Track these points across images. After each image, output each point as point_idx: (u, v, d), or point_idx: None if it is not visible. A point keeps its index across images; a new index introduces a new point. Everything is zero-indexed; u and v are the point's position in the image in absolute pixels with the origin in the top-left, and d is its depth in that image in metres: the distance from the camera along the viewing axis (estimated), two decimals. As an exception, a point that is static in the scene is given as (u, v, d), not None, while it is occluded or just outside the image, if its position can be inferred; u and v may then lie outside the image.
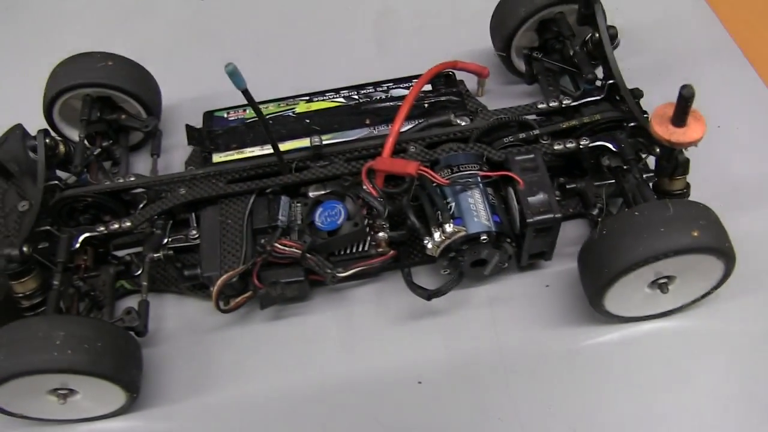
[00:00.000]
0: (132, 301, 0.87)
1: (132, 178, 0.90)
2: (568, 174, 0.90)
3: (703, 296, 0.83)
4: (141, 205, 0.91)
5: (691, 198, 0.85)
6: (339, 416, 0.82)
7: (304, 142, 0.88)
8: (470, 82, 1.00)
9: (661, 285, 0.79)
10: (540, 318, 0.86)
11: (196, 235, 0.87)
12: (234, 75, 0.72)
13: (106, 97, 0.98)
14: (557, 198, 0.90)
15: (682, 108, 0.73)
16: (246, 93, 0.75)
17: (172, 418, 0.84)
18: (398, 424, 0.81)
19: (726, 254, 0.75)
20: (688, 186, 0.83)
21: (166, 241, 0.87)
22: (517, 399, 0.81)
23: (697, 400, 0.80)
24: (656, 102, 0.79)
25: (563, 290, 0.88)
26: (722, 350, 0.83)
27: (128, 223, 0.86)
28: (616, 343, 0.84)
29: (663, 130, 0.75)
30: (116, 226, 0.86)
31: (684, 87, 0.72)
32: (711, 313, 0.85)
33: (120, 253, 0.93)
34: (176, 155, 1.05)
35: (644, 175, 0.84)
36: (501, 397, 0.81)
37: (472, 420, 0.80)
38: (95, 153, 0.95)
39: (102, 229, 0.87)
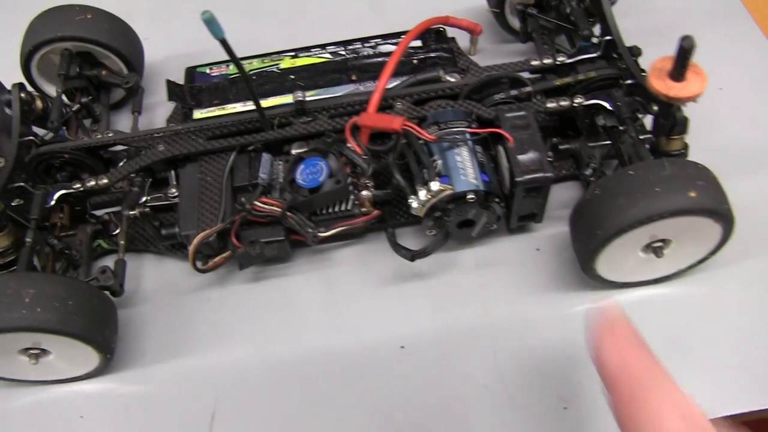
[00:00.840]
0: (111, 261, 0.84)
1: (110, 134, 0.87)
2: (562, 134, 0.87)
3: (700, 262, 0.79)
4: (121, 164, 0.88)
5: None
6: (319, 380, 0.79)
7: (288, 99, 0.85)
8: (463, 40, 0.97)
9: (655, 249, 0.75)
10: (530, 283, 0.83)
11: (176, 193, 0.84)
12: (211, 23, 0.69)
13: (86, 53, 0.95)
14: (549, 158, 0.87)
15: (682, 61, 0.69)
16: (224, 43, 0.71)
17: (148, 381, 0.81)
18: (380, 389, 0.78)
19: (724, 217, 0.71)
20: (686, 146, 0.80)
21: (144, 199, 0.84)
22: (504, 367, 0.78)
23: (692, 370, 0.76)
24: (657, 62, 0.75)
25: (555, 254, 0.85)
26: (719, 318, 0.79)
27: (105, 180, 0.83)
28: (608, 310, 0.81)
29: (661, 85, 0.71)
30: (92, 183, 0.83)
31: (684, 38, 0.68)
32: (708, 279, 0.81)
33: (99, 213, 0.90)
34: (159, 113, 1.02)
35: (641, 136, 0.81)
36: (487, 364, 0.78)
37: (457, 388, 0.77)
38: (74, 109, 0.92)
39: (78, 186, 0.84)
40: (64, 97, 0.92)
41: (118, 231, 0.87)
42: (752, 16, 1.03)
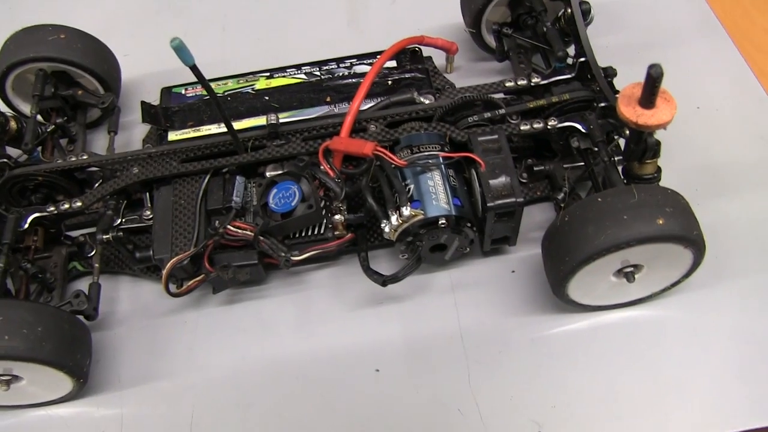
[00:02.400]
0: (86, 282, 0.84)
1: (84, 156, 0.87)
2: (537, 155, 0.87)
3: (673, 285, 0.79)
4: (97, 185, 0.88)
5: (667, 183, 0.81)
6: (294, 402, 0.79)
7: (262, 120, 0.85)
8: (440, 58, 0.97)
9: (627, 274, 0.75)
10: (504, 305, 0.83)
11: (150, 216, 0.84)
12: (180, 50, 0.69)
13: (62, 72, 0.95)
14: (524, 180, 0.87)
15: (650, 89, 0.69)
16: (194, 69, 0.71)
17: (124, 403, 0.81)
18: (355, 412, 0.78)
19: (694, 243, 0.71)
20: (659, 170, 0.79)
21: (119, 221, 0.84)
22: (479, 390, 0.78)
23: (666, 392, 0.77)
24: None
25: (530, 276, 0.85)
26: (692, 341, 0.80)
27: (79, 203, 0.83)
28: (583, 333, 0.81)
29: (630, 112, 0.71)
30: (66, 206, 0.84)
31: (652, 66, 0.67)
32: (682, 302, 0.82)
33: (75, 233, 0.90)
34: (136, 132, 1.02)
35: (616, 158, 0.81)
36: (462, 387, 0.78)
37: (431, 411, 0.77)
38: (49, 130, 0.92)
39: (52, 209, 0.84)
40: (39, 117, 0.92)
41: (93, 253, 0.87)
42: (729, 34, 1.03)
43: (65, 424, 0.80)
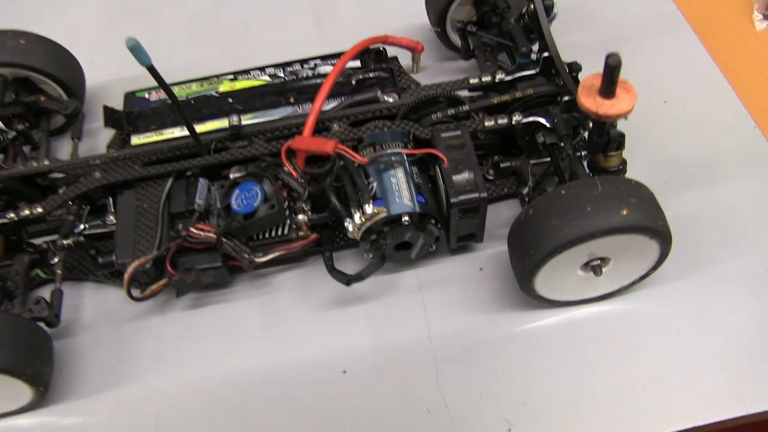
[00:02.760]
0: (49, 290, 0.82)
1: (46, 162, 0.86)
2: (504, 152, 0.87)
3: (641, 278, 0.79)
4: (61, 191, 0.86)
5: (635, 176, 0.80)
6: (261, 407, 0.78)
7: (227, 123, 0.84)
8: (407, 59, 0.96)
9: (594, 267, 0.75)
10: (473, 303, 0.82)
11: (114, 221, 0.82)
12: (136, 50, 0.68)
13: (24, 79, 0.94)
14: (491, 177, 0.87)
15: (609, 78, 0.69)
16: (151, 69, 0.70)
17: (88, 412, 0.80)
18: (322, 415, 0.77)
19: (660, 234, 0.71)
20: (624, 163, 0.79)
21: (82, 227, 0.83)
22: (447, 389, 0.77)
23: (638, 386, 0.76)
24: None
25: (498, 273, 0.84)
26: (664, 334, 0.79)
27: (40, 209, 0.82)
28: (552, 329, 0.80)
29: (590, 102, 0.71)
30: (27, 212, 0.82)
31: (609, 56, 0.67)
32: (652, 295, 0.81)
33: (38, 241, 0.88)
34: (101, 139, 1.00)
35: (582, 153, 0.80)
36: (430, 387, 0.77)
37: (399, 411, 0.76)
38: (10, 137, 0.90)
39: (12, 215, 0.82)
40: (0, 124, 0.90)
41: (56, 260, 0.86)
42: (694, 29, 1.04)
43: (26, 435, 0.79)
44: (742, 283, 0.82)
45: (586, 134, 0.83)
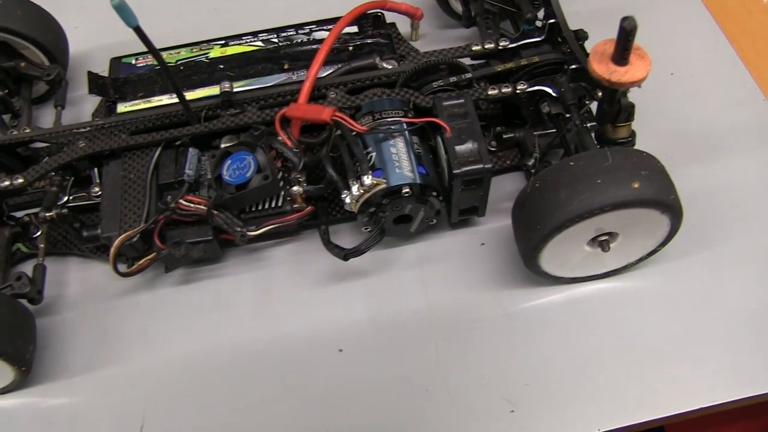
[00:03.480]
0: (32, 266, 0.79)
1: (27, 130, 0.82)
2: (507, 123, 0.83)
3: (650, 254, 0.76)
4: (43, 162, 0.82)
5: (641, 149, 0.78)
6: (254, 387, 0.75)
7: (217, 90, 0.80)
8: (405, 26, 0.93)
9: (601, 242, 0.72)
10: (474, 279, 0.79)
11: (99, 192, 0.79)
12: (121, 9, 0.64)
13: (2, 42, 0.89)
14: (493, 149, 0.83)
15: (624, 43, 0.65)
16: (138, 30, 0.66)
17: (73, 392, 0.76)
18: (317, 395, 0.74)
19: (671, 208, 0.68)
20: (633, 134, 0.76)
21: (66, 199, 0.79)
22: (447, 368, 0.74)
23: (644, 365, 0.74)
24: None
25: (500, 249, 0.81)
26: (669, 312, 0.77)
27: (21, 180, 0.78)
28: (557, 306, 0.78)
29: (602, 69, 0.67)
30: (7, 183, 0.78)
31: (625, 19, 0.64)
32: (658, 272, 0.79)
33: (19, 214, 0.85)
34: (86, 107, 0.96)
35: (587, 124, 0.77)
36: (429, 365, 0.75)
37: (397, 391, 0.74)
38: (-12, 104, 0.86)
39: (-9, 186, 0.78)
40: (-22, 91, 0.86)
41: (39, 233, 0.82)
42: (702, 0, 1.00)
43: (8, 416, 0.75)
44: (750, 261, 0.79)
45: (592, 105, 0.80)
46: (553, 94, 0.77)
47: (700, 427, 0.95)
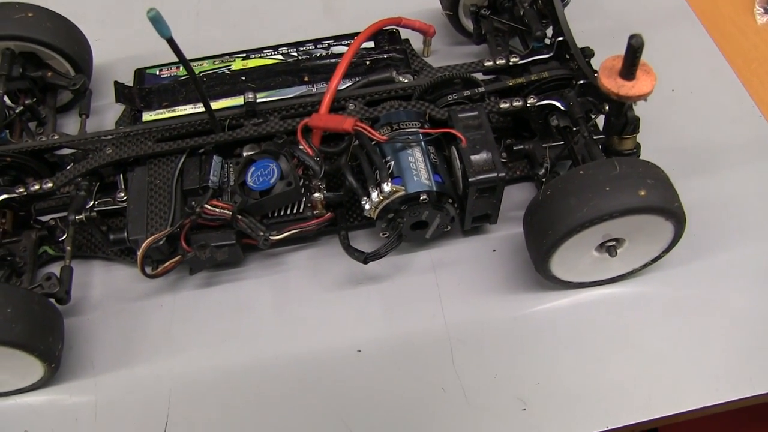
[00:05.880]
0: (57, 268, 0.81)
1: (56, 137, 0.85)
2: (516, 135, 0.87)
3: (654, 260, 0.80)
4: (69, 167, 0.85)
5: (642, 160, 0.82)
6: (274, 386, 0.78)
7: (239, 101, 0.84)
8: (417, 42, 0.96)
9: (609, 248, 0.75)
10: (486, 284, 0.83)
11: (124, 198, 0.82)
12: (157, 21, 0.67)
13: (31, 53, 0.92)
14: (503, 159, 0.87)
15: (631, 59, 0.69)
16: (171, 42, 0.70)
17: (98, 391, 0.79)
18: (337, 395, 0.77)
19: (675, 215, 0.71)
20: (638, 146, 0.80)
21: (91, 203, 0.82)
22: (462, 368, 0.77)
23: (647, 369, 0.77)
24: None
25: (511, 255, 0.84)
26: (673, 316, 0.80)
27: (50, 184, 0.81)
28: (566, 310, 0.81)
29: (611, 83, 0.71)
30: (36, 187, 0.81)
31: (632, 37, 0.68)
32: (662, 279, 0.82)
33: (46, 218, 0.87)
34: (109, 116, 1.00)
35: (594, 137, 0.81)
36: (445, 366, 0.77)
37: (414, 390, 0.76)
38: (17, 111, 0.89)
39: (21, 190, 0.81)
40: (6, 99, 0.89)
41: (64, 237, 0.85)
42: (699, 19, 1.05)
43: (35, 413, 0.77)
44: (749, 268, 0.83)
45: (597, 120, 0.84)
46: (562, 108, 0.81)
47: (700, 428, 0.98)
